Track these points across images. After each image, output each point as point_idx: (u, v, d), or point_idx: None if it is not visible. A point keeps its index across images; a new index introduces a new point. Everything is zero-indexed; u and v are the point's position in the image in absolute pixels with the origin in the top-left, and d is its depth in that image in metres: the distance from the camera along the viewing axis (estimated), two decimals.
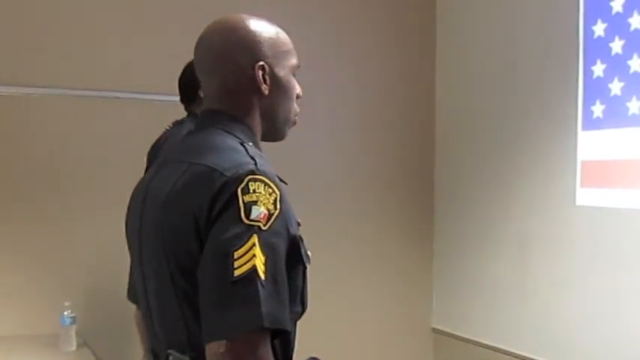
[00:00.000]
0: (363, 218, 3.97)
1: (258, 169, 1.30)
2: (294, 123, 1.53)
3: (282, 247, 1.29)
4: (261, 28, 1.45)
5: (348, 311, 3.88)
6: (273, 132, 1.51)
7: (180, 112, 2.87)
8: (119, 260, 3.19)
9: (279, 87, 1.45)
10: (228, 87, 1.43)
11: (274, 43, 1.44)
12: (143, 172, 2.81)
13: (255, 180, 1.28)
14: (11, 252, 3.27)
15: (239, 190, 1.26)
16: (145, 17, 3.51)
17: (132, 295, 1.60)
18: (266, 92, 1.43)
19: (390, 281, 4.03)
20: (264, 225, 1.25)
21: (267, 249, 1.25)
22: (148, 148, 2.88)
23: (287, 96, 1.48)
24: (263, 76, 1.42)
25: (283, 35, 1.49)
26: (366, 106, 4.01)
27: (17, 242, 3.27)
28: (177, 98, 2.88)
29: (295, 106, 1.51)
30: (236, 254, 1.23)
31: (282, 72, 1.45)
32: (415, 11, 4.10)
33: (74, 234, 3.36)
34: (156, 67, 3.43)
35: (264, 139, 1.51)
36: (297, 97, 1.52)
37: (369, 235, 3.99)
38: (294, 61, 1.49)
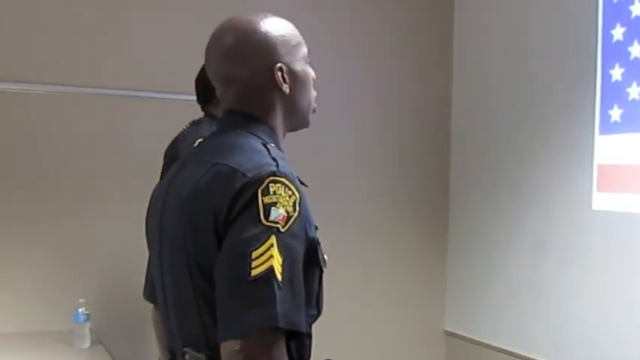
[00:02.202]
0: (376, 221, 3.97)
1: (279, 171, 1.30)
2: (314, 110, 1.54)
3: (299, 249, 1.29)
4: (272, 27, 1.44)
5: (360, 313, 3.88)
6: (299, 123, 1.53)
7: (194, 111, 2.87)
8: (133, 258, 3.21)
9: (297, 81, 1.46)
10: (247, 90, 1.44)
11: (286, 40, 1.44)
12: (159, 170, 2.84)
13: (275, 182, 1.29)
14: (26, 249, 3.29)
15: (259, 191, 1.27)
16: (158, 15, 3.51)
17: (148, 293, 1.61)
18: (288, 91, 1.44)
19: (403, 283, 4.02)
20: (283, 227, 1.26)
21: (285, 251, 1.25)
22: (162, 147, 2.89)
23: (306, 87, 1.49)
24: (282, 76, 1.43)
25: (291, 28, 1.48)
26: (382, 107, 4.00)
27: (32, 239, 3.29)
28: (191, 97, 2.88)
29: (313, 92, 1.53)
30: (254, 254, 1.23)
31: (298, 66, 1.46)
32: (432, 15, 4.09)
33: (88, 231, 3.38)
34: (169, 66, 3.44)
35: (292, 130, 1.53)
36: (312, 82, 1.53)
37: (383, 237, 3.98)
38: (304, 50, 1.49)
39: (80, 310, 3.05)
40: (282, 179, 1.29)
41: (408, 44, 4.03)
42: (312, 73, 1.51)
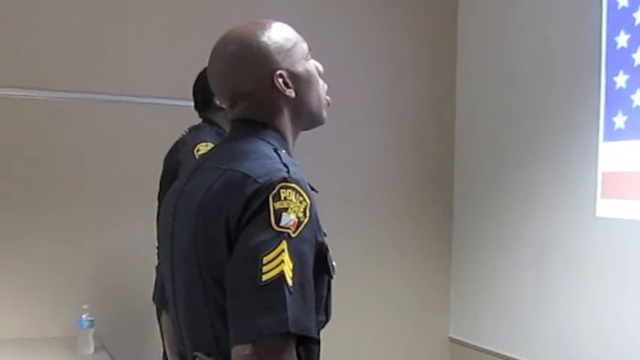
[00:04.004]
0: (380, 228, 3.97)
1: (290, 177, 1.31)
2: (329, 103, 1.53)
3: (309, 254, 1.29)
4: (264, 37, 1.43)
5: (364, 319, 3.88)
6: (314, 121, 1.52)
7: (196, 116, 2.87)
8: (137, 264, 3.23)
9: (301, 82, 1.45)
10: (254, 100, 1.44)
11: (280, 45, 1.44)
12: (159, 176, 2.84)
13: (286, 187, 1.29)
14: (30, 254, 3.29)
15: (270, 197, 1.27)
16: (159, 21, 3.53)
17: (158, 298, 1.61)
18: (293, 95, 1.45)
19: (407, 290, 4.02)
20: (294, 232, 1.26)
21: (296, 256, 1.26)
22: (165, 152, 2.89)
23: (312, 85, 1.48)
24: (284, 82, 1.43)
25: (283, 31, 1.47)
26: (385, 109, 4.01)
27: (36, 244, 3.30)
28: (188, 103, 2.88)
29: (322, 84, 1.51)
30: (265, 259, 1.24)
31: (299, 67, 1.46)
32: (436, 22, 4.10)
33: (92, 237, 3.38)
34: (170, 71, 3.45)
35: (307, 129, 1.53)
36: (320, 74, 1.51)
37: (387, 244, 3.98)
38: (304, 47, 1.49)
39: (84, 316, 3.04)
40: (293, 185, 1.30)
41: (413, 43, 4.05)
42: (316, 66, 1.51)
